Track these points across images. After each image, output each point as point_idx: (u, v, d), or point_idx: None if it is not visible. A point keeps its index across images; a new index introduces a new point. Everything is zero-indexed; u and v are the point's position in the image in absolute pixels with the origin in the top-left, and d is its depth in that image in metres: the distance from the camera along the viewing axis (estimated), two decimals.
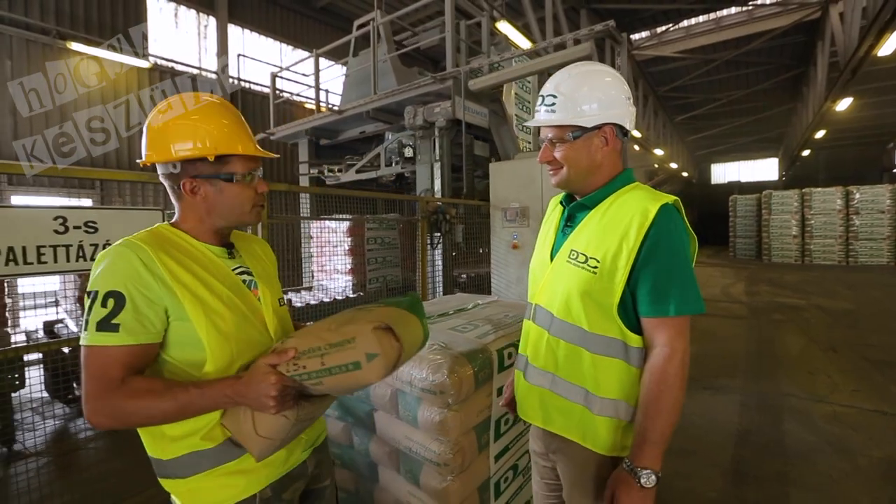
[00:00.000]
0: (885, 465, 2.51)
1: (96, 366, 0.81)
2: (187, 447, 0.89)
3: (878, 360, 4.34)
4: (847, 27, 8.97)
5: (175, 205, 0.97)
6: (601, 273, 0.99)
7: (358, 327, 0.85)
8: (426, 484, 1.57)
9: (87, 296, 0.84)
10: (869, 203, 12.03)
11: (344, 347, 0.84)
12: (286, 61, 10.35)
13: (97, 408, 0.80)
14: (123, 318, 0.81)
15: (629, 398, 1.01)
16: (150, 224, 1.61)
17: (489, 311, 2.29)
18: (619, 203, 1.03)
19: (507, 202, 4.30)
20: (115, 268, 0.83)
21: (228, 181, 0.93)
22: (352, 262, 4.80)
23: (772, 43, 12.29)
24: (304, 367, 0.84)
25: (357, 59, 6.11)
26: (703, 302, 0.97)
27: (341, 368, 0.83)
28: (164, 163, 0.91)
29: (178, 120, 0.91)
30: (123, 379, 0.81)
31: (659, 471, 0.93)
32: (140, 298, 0.83)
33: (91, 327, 0.81)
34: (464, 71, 4.39)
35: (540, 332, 1.12)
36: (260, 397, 0.82)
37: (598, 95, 1.03)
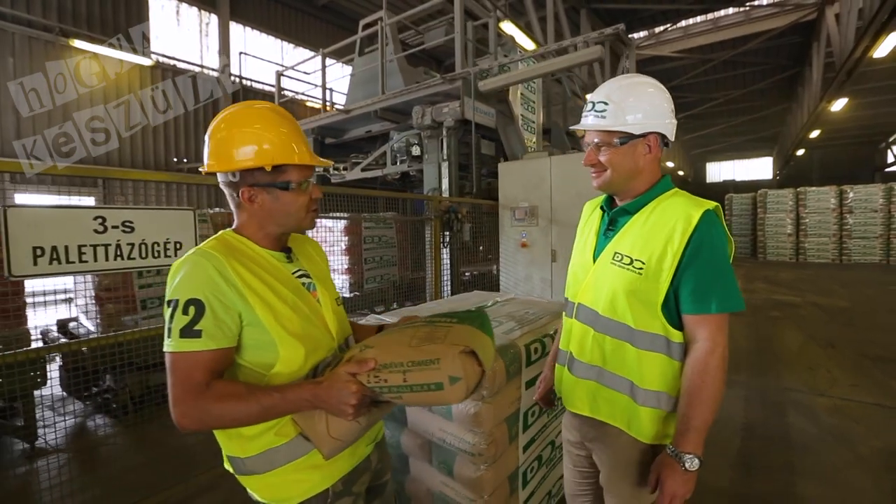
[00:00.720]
0: (886, 454, 2.62)
1: (182, 371, 0.85)
2: (263, 444, 0.93)
3: (876, 356, 4.47)
4: (843, 28, 9.12)
5: (234, 212, 1.01)
6: (646, 274, 1.06)
7: (442, 348, 0.88)
8: (460, 473, 1.64)
9: (167, 305, 0.88)
10: (862, 202, 12.23)
11: (427, 367, 0.86)
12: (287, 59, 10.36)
13: (185, 411, 0.83)
14: (204, 324, 0.85)
15: (671, 389, 1.09)
16: (183, 223, 1.66)
17: (509, 308, 2.36)
18: (662, 208, 1.11)
19: (516, 202, 4.37)
20: (193, 277, 0.87)
21: (284, 189, 0.96)
22: (349, 262, 4.73)
23: (768, 43, 12.45)
24: (385, 380, 0.87)
25: (363, 59, 6.15)
26: (743, 300, 1.04)
27: (423, 387, 0.86)
28: (224, 172, 0.95)
29: (242, 129, 0.93)
30: (208, 383, 0.85)
31: (701, 455, 1.00)
32: (218, 305, 0.87)
33: (175, 334, 0.85)
34: (473, 72, 4.45)
35: (585, 329, 1.19)
36: (339, 404, 0.86)
37: (645, 106, 1.10)
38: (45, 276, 1.71)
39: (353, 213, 4.42)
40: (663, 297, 1.06)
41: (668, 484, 1.02)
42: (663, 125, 1.11)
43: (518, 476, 1.79)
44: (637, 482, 1.15)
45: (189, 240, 2.08)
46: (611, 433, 1.18)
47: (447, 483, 1.71)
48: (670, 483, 1.02)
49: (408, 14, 5.40)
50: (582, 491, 1.39)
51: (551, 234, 4.15)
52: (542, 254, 4.23)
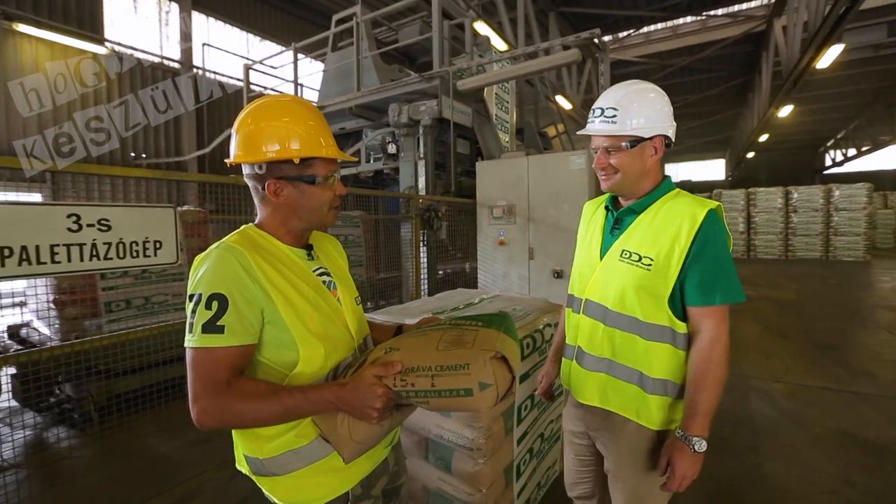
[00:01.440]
0: (838, 434, 2.85)
1: (204, 367, 0.83)
2: (283, 445, 0.91)
3: (822, 343, 4.84)
4: (790, 40, 9.74)
5: (258, 206, 1.00)
6: (655, 269, 1.13)
7: (472, 353, 0.85)
8: (458, 469, 1.67)
9: (189, 299, 0.86)
10: (805, 202, 13.16)
11: (457, 373, 0.83)
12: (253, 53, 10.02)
13: (206, 408, 0.81)
14: (228, 319, 0.83)
15: (676, 377, 1.16)
16: (163, 221, 1.62)
17: (497, 305, 2.40)
18: (668, 208, 1.17)
19: (494, 200, 4.43)
20: (217, 271, 0.86)
21: (311, 183, 0.95)
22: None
23: (722, 51, 13.13)
24: (412, 384, 0.85)
25: (336, 55, 6.04)
26: (744, 292, 1.12)
27: (451, 393, 0.84)
28: (250, 164, 0.93)
29: (270, 122, 0.92)
30: (229, 380, 0.83)
31: (707, 437, 1.07)
32: (241, 300, 0.85)
33: (197, 329, 0.83)
34: (451, 71, 4.47)
35: (593, 324, 1.25)
36: (364, 407, 0.85)
37: (650, 110, 1.16)
38: (14, 278, 1.60)
39: None
40: (671, 290, 1.12)
41: (679, 466, 1.08)
42: (667, 127, 1.17)
43: (513, 469, 1.83)
44: (645, 467, 1.21)
45: (170, 239, 1.99)
46: (618, 422, 1.23)
47: (445, 479, 1.73)
48: (681, 465, 1.08)
49: (383, 11, 5.35)
50: (583, 478, 1.44)
51: (529, 232, 4.24)
52: (519, 251, 4.31)
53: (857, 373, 3.97)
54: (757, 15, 11.64)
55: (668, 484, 1.12)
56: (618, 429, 1.23)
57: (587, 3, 11.18)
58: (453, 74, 4.51)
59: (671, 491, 1.12)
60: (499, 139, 5.33)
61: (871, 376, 3.88)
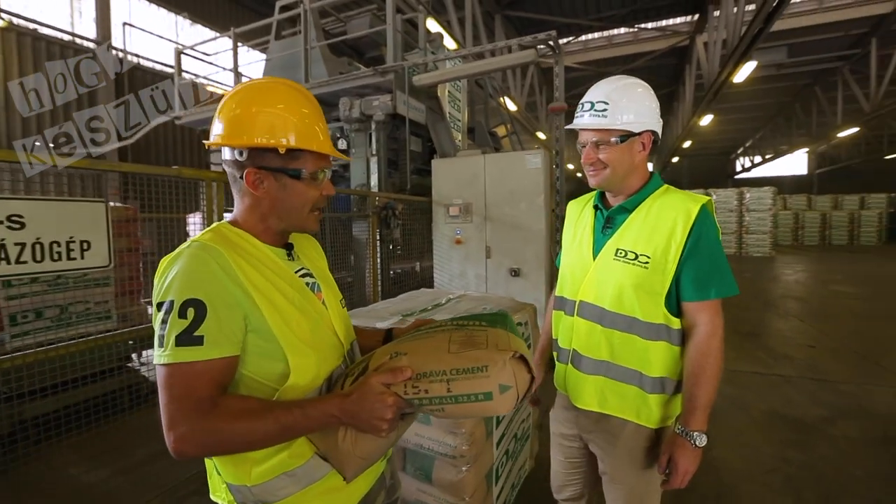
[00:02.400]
0: (770, 415, 3.12)
1: (181, 386, 0.71)
2: (276, 468, 0.80)
3: (745, 331, 5.32)
4: (710, 55, 10.65)
5: (235, 200, 0.89)
6: (652, 267, 1.12)
7: (489, 354, 0.79)
8: (440, 479, 1.59)
9: (157, 308, 0.74)
10: (722, 203, 14.50)
11: (475, 376, 0.77)
12: (183, 38, 9.22)
13: (187, 434, 0.70)
14: (207, 328, 0.73)
15: (672, 374, 1.16)
16: (92, 218, 1.47)
17: (465, 305, 2.35)
18: (660, 204, 1.17)
19: (450, 199, 4.39)
20: (191, 273, 0.75)
21: (295, 178, 0.84)
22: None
23: (651, 62, 14.07)
24: (425, 391, 0.77)
25: (280, 44, 5.69)
26: (737, 285, 1.13)
27: (469, 398, 0.77)
28: (232, 148, 0.82)
29: (260, 105, 0.82)
30: (213, 399, 0.72)
31: (707, 431, 1.08)
32: (221, 306, 0.74)
33: (170, 342, 0.72)
34: (407, 66, 4.36)
35: (590, 326, 1.22)
36: (373, 419, 0.75)
37: (640, 105, 1.15)
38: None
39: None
40: (668, 287, 1.12)
41: (682, 462, 1.08)
42: (656, 123, 1.17)
43: (492, 473, 1.79)
44: (643, 466, 1.20)
45: (100, 239, 1.72)
46: (615, 424, 1.22)
47: (425, 490, 1.65)
48: (683, 461, 1.08)
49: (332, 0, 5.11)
50: (572, 481, 1.43)
51: (486, 231, 4.24)
52: (476, 250, 4.30)
53: (777, 357, 4.40)
54: (682, 31, 12.59)
55: (670, 481, 1.12)
56: (615, 430, 1.22)
57: (531, 9, 11.48)
58: (409, 69, 4.40)
59: (673, 488, 1.12)
60: (453, 137, 5.30)
61: (790, 359, 4.31)
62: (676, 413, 1.20)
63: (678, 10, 11.71)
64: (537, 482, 2.41)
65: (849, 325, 5.78)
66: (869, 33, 12.27)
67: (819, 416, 3.15)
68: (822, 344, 4.88)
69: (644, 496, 1.23)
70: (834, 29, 12.33)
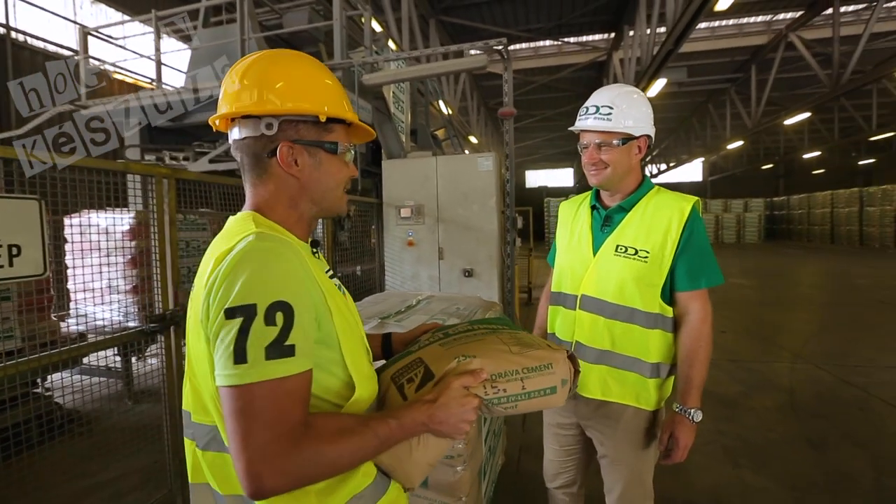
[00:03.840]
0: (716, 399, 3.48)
1: (275, 408, 0.59)
2: (351, 490, 0.71)
3: None
4: (626, 71, 11.68)
5: (252, 187, 0.76)
6: (651, 261, 1.22)
7: (550, 353, 0.87)
8: (436, 481, 1.57)
9: (228, 315, 0.60)
10: None
11: (543, 372, 0.84)
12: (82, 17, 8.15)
13: (285, 466, 0.58)
14: (296, 336, 0.61)
15: (666, 359, 1.27)
16: (23, 218, 1.39)
17: (436, 305, 2.35)
18: (655, 203, 1.27)
19: (402, 200, 4.35)
20: (273, 271, 0.62)
21: (332, 153, 0.76)
22: (136, 277, 3.42)
23: (574, 74, 15.10)
24: (503, 390, 0.80)
25: (208, 33, 5.25)
26: (722, 275, 1.25)
27: (539, 393, 0.83)
28: (259, 117, 0.70)
29: (289, 68, 0.73)
30: (307, 421, 0.62)
31: (701, 408, 1.19)
32: (303, 309, 0.64)
33: (258, 355, 0.58)
34: (357, 63, 4.24)
35: (593, 318, 1.30)
36: (459, 423, 0.73)
37: (637, 111, 1.25)
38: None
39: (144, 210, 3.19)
40: (664, 279, 1.22)
41: (682, 437, 1.19)
42: (651, 128, 1.28)
43: (481, 470, 1.80)
44: (642, 446, 1.29)
45: (34, 243, 1.47)
46: (615, 409, 1.30)
47: (419, 494, 1.61)
48: (684, 436, 1.19)
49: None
50: (566, 468, 1.49)
51: (438, 232, 4.26)
52: (429, 252, 4.30)
53: None
54: (600, 47, 13.66)
55: (672, 456, 1.22)
56: (615, 415, 1.30)
57: (464, 16, 11.75)
58: (360, 68, 4.29)
59: (676, 461, 1.22)
60: (400, 138, 5.26)
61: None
62: (668, 395, 1.31)
63: (597, 27, 12.67)
64: (509, 476, 2.47)
65: (748, 311, 6.64)
66: (749, 60, 14.25)
67: (739, 391, 3.58)
68: (731, 329, 5.55)
69: (642, 473, 1.33)
70: (723, 55, 14.15)
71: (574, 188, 28.28)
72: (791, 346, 4.82)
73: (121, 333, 1.96)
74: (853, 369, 4.05)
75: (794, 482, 2.38)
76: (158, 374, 2.18)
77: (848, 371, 4.01)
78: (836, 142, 17.68)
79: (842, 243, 17.93)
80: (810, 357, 4.44)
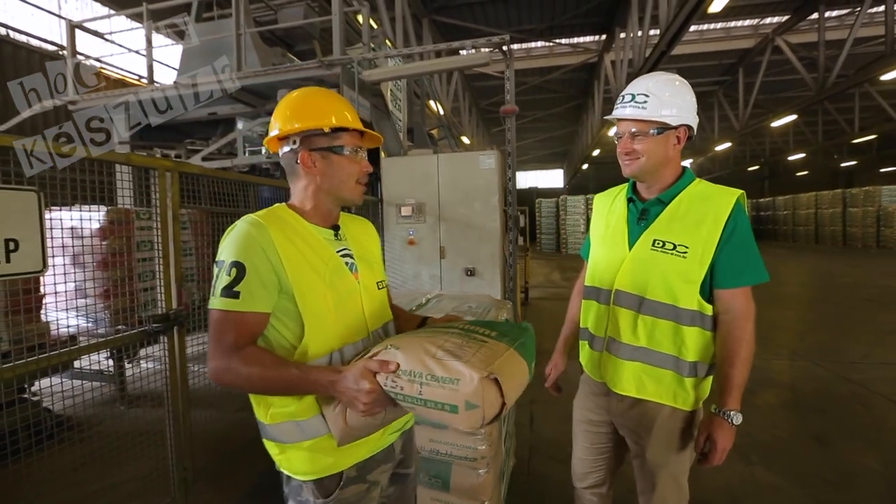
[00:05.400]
0: None
1: (219, 328, 0.89)
2: (285, 416, 0.96)
3: None
4: (617, 72, 11.77)
5: (292, 188, 1.06)
6: (691, 256, 1.17)
7: (463, 369, 0.80)
8: (458, 484, 1.52)
9: (216, 264, 0.92)
10: None
11: (445, 385, 0.79)
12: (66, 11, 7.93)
13: (217, 367, 0.88)
14: (243, 286, 0.89)
15: (705, 358, 1.23)
16: (22, 211, 1.45)
17: (447, 304, 2.30)
18: (695, 197, 1.23)
19: (402, 198, 4.28)
20: (238, 241, 0.91)
21: (339, 154, 1.02)
22: (109, 279, 3.24)
23: (565, 76, 15.17)
24: (401, 388, 0.83)
25: (203, 28, 5.12)
26: (768, 272, 1.20)
27: (436, 405, 0.81)
28: (288, 137, 1.01)
29: (304, 102, 1.03)
30: (238, 344, 0.88)
31: (741, 410, 1.15)
32: (257, 270, 0.90)
33: (217, 292, 0.89)
34: (356, 59, 4.17)
35: (627, 313, 1.25)
36: (353, 399, 0.86)
37: (679, 100, 1.21)
38: None
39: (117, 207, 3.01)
40: (704, 275, 1.17)
41: (721, 440, 1.14)
42: (692, 118, 1.23)
43: (501, 471, 1.75)
44: (678, 448, 1.25)
45: (33, 237, 1.38)
46: (651, 408, 1.25)
47: (440, 498, 1.56)
48: (722, 439, 1.14)
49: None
50: (597, 467, 1.45)
51: (440, 231, 4.20)
52: (430, 251, 4.25)
53: None
54: (592, 48, 13.74)
55: (709, 458, 1.17)
56: (651, 414, 1.26)
57: (457, 16, 11.72)
58: (359, 64, 4.22)
59: (712, 465, 1.17)
60: (398, 136, 5.20)
61: None
62: (706, 395, 1.27)
63: (588, 29, 12.74)
64: (521, 477, 2.43)
65: None
66: (737, 63, 14.47)
67: (745, 388, 3.58)
68: None
69: (678, 475, 1.29)
70: (711, 58, 14.35)
71: (564, 189, 28.45)
72: (787, 344, 4.87)
73: (122, 335, 1.86)
74: (850, 366, 4.10)
75: (805, 479, 2.38)
76: (155, 377, 2.09)
77: (845, 367, 4.05)
78: (819, 144, 18.07)
79: (826, 243, 18.30)
80: (807, 354, 4.49)
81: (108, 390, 3.43)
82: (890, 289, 8.16)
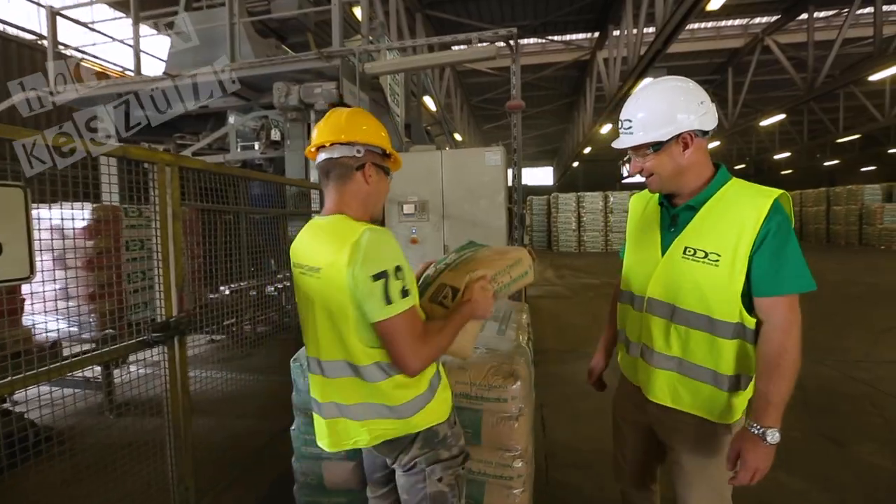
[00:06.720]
0: None
1: (410, 326, 1.04)
2: (428, 378, 1.16)
3: None
4: (610, 70, 11.77)
5: (336, 195, 1.15)
6: (723, 265, 1.08)
7: (517, 252, 1.37)
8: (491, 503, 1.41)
9: (375, 278, 1.00)
10: (619, 204, 16.08)
11: (519, 264, 1.34)
12: None
13: (420, 355, 1.05)
14: (410, 285, 1.06)
15: (748, 371, 1.14)
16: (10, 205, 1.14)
17: None
18: (727, 200, 1.13)
19: (405, 196, 4.16)
20: (390, 248, 1.05)
21: (387, 174, 1.22)
22: (95, 282, 3.01)
23: (557, 73, 15.14)
24: (502, 282, 1.28)
25: (193, 17, 4.90)
26: (814, 280, 1.08)
27: (520, 276, 1.34)
28: (354, 145, 1.13)
29: (369, 119, 1.20)
30: (420, 330, 1.06)
31: (780, 428, 1.05)
32: (407, 267, 1.07)
33: (397, 296, 1.02)
34: (357, 52, 4.01)
35: (660, 322, 1.19)
36: (487, 307, 1.19)
37: (660, 116, 1.12)
38: None
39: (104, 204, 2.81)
40: (741, 285, 1.08)
41: (751, 459, 1.05)
42: (689, 122, 1.12)
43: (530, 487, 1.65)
44: (718, 459, 1.18)
45: (19, 236, 1.22)
46: (689, 421, 1.18)
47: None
48: (752, 458, 1.05)
49: None
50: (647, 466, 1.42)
51: (443, 230, 4.09)
52: (433, 249, 4.13)
53: None
54: (584, 46, 13.72)
55: (738, 477, 1.08)
56: (692, 428, 1.19)
57: (450, 11, 11.58)
58: (361, 56, 4.07)
59: (741, 484, 1.08)
60: (398, 132, 5.06)
61: None
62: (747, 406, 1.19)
63: (581, 26, 12.71)
64: (540, 485, 2.33)
65: None
66: (726, 62, 14.60)
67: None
68: None
69: (719, 488, 1.21)
70: (701, 56, 14.45)
71: (554, 186, 28.52)
72: None
73: (118, 346, 1.70)
74: (855, 364, 4.10)
75: (826, 483, 2.34)
76: (147, 384, 1.94)
77: (850, 366, 4.05)
78: (805, 143, 18.39)
79: (810, 241, 18.64)
80: (808, 352, 4.47)
81: (96, 399, 3.24)
82: (877, 286, 8.29)
